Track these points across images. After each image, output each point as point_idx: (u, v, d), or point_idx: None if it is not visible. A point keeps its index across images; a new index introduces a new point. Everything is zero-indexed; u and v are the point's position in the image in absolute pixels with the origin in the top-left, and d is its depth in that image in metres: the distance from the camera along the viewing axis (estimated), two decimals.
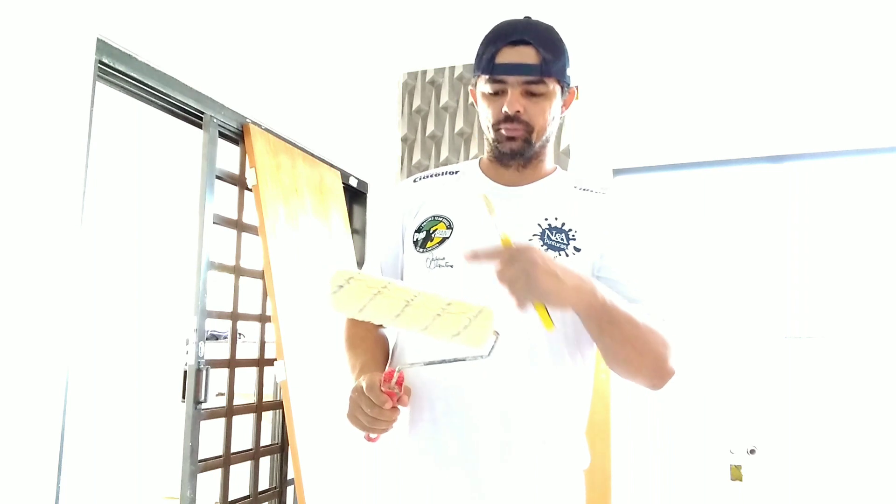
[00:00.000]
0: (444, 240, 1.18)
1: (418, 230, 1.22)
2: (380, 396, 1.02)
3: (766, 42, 3.06)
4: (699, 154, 3.15)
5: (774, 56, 3.05)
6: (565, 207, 1.20)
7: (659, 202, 3.31)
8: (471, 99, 1.31)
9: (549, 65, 1.16)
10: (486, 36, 1.20)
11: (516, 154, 1.19)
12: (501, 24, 1.21)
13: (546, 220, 1.17)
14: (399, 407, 1.06)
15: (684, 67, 3.18)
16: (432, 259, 1.18)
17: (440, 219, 1.21)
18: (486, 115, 1.20)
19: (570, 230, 1.16)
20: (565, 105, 1.24)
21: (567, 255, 1.13)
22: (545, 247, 1.14)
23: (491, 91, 1.18)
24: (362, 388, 1.04)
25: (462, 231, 1.18)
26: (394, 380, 1.03)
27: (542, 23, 1.21)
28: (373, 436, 1.08)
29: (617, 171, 3.31)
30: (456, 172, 1.30)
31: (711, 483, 2.94)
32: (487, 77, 1.17)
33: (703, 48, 3.15)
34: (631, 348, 1.06)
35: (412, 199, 1.27)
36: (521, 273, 0.92)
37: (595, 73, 3.25)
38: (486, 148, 1.26)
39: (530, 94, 1.16)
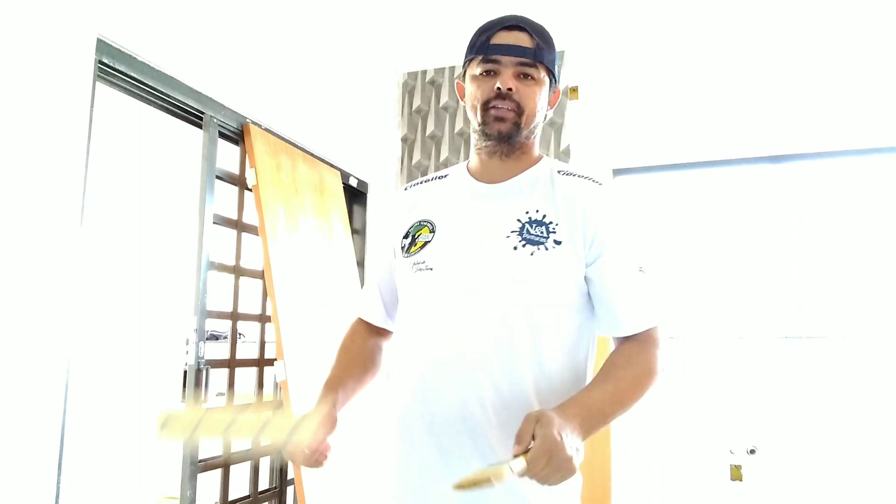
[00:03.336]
0: (426, 243, 1.19)
1: (405, 235, 1.23)
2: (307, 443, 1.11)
3: (765, 42, 3.06)
4: (699, 154, 3.15)
5: (774, 56, 3.05)
6: (547, 197, 1.18)
7: (659, 202, 3.32)
8: (458, 92, 1.31)
9: (542, 51, 1.18)
10: (481, 26, 1.22)
11: (504, 137, 1.18)
12: (495, 17, 1.23)
13: (527, 213, 1.16)
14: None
15: (684, 68, 3.18)
16: (414, 263, 1.19)
17: (425, 223, 1.22)
18: (474, 97, 1.20)
19: (550, 222, 1.15)
20: (551, 104, 1.25)
21: (546, 249, 1.13)
22: (523, 241, 1.13)
23: (483, 72, 1.19)
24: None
25: (443, 234, 1.19)
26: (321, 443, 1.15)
27: (535, 21, 1.23)
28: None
29: (617, 171, 3.31)
30: (445, 177, 1.31)
31: (711, 483, 2.94)
32: (481, 58, 1.18)
33: (702, 48, 3.15)
34: (631, 405, 1.11)
35: (403, 207, 1.29)
36: (553, 472, 0.93)
37: (596, 73, 3.25)
38: (473, 139, 1.25)
39: (522, 77, 1.17)
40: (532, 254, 1.12)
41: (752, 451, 2.91)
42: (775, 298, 3.03)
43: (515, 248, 1.12)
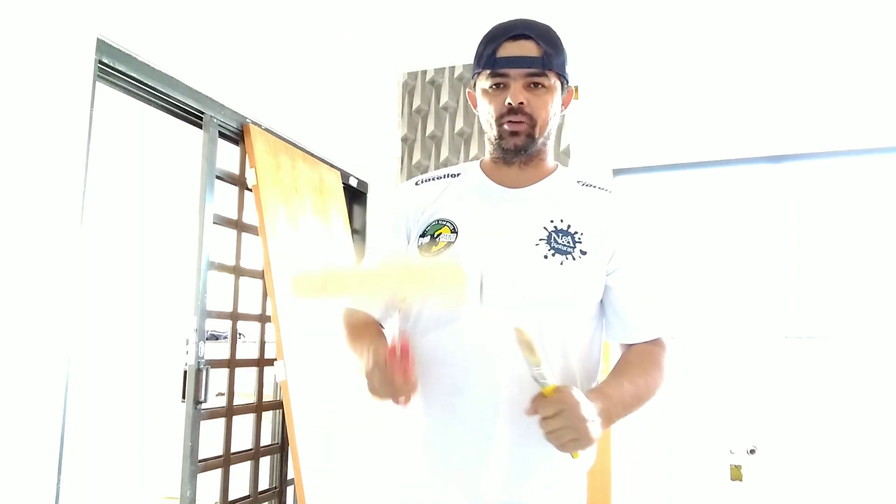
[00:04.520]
0: (449, 244, 1.17)
1: (422, 234, 1.20)
2: (386, 375, 1.03)
3: (765, 42, 3.05)
4: (699, 154, 3.15)
5: (774, 56, 3.05)
6: (570, 207, 1.20)
7: (659, 202, 3.31)
8: (470, 101, 1.30)
9: (551, 58, 1.17)
10: (486, 34, 1.21)
11: (520, 149, 1.19)
12: (501, 22, 1.21)
13: (552, 222, 1.17)
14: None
15: (684, 68, 3.18)
16: None
17: (444, 222, 1.20)
18: (487, 111, 1.20)
19: (575, 233, 1.17)
20: (564, 104, 1.25)
21: (574, 259, 1.14)
22: (552, 250, 1.14)
23: (493, 86, 1.18)
24: (371, 366, 1.05)
25: (468, 236, 1.17)
26: (397, 353, 1.04)
27: (541, 22, 1.21)
28: (400, 402, 1.07)
29: (617, 171, 3.31)
30: (457, 175, 1.28)
31: (711, 483, 2.94)
32: (489, 72, 1.17)
33: (702, 48, 3.15)
34: (641, 408, 1.19)
35: (415, 201, 1.26)
36: (568, 427, 0.98)
37: (595, 73, 3.25)
38: (488, 148, 1.25)
39: (532, 87, 1.17)
40: (562, 263, 1.14)
41: (752, 451, 2.91)
42: (775, 298, 3.03)
43: (546, 257, 1.14)
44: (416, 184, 1.30)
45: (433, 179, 1.29)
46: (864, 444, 2.78)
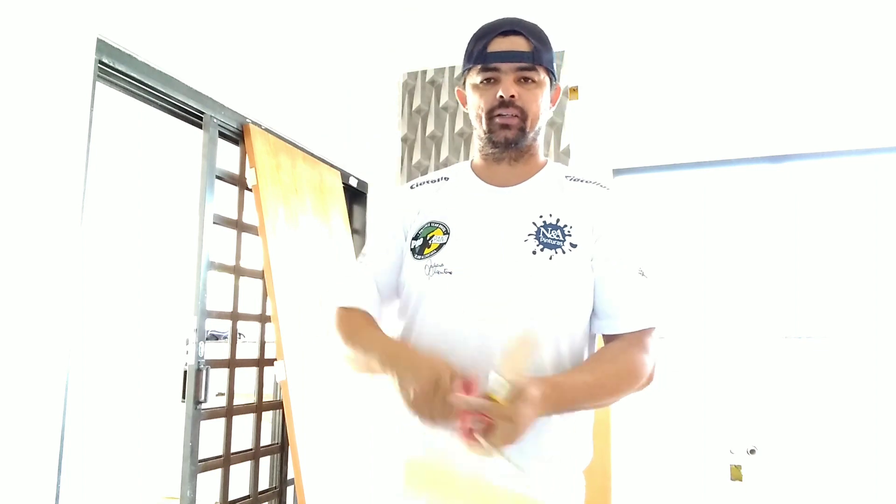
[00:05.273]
0: (441, 246, 1.18)
1: (415, 237, 1.22)
2: (450, 413, 0.99)
3: (766, 42, 3.06)
4: (699, 154, 3.16)
5: (774, 56, 3.05)
6: (559, 202, 1.20)
7: (659, 202, 3.32)
8: (459, 99, 1.31)
9: (541, 53, 1.19)
10: (476, 32, 1.23)
11: (510, 143, 1.20)
12: (490, 21, 1.23)
13: (541, 217, 1.18)
14: None
15: (684, 68, 3.18)
16: (430, 266, 1.17)
17: (436, 225, 1.21)
18: (477, 106, 1.21)
19: (565, 226, 1.17)
20: (552, 101, 1.26)
21: (564, 252, 1.14)
22: (541, 245, 1.14)
23: (483, 80, 1.20)
24: (436, 384, 0.99)
25: (458, 236, 1.19)
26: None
27: (529, 21, 1.24)
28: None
29: (617, 171, 3.31)
30: (448, 178, 1.30)
31: (711, 483, 2.94)
32: (480, 67, 1.19)
33: (702, 48, 3.15)
34: (606, 401, 1.13)
35: (410, 205, 1.28)
36: (502, 432, 0.95)
37: (596, 73, 3.25)
38: (478, 145, 1.26)
39: (523, 81, 1.19)
40: (550, 258, 1.13)
41: (752, 451, 2.91)
42: (775, 298, 3.03)
43: (534, 253, 1.14)
44: (412, 187, 1.32)
45: (427, 182, 1.31)
46: (863, 444, 2.78)
